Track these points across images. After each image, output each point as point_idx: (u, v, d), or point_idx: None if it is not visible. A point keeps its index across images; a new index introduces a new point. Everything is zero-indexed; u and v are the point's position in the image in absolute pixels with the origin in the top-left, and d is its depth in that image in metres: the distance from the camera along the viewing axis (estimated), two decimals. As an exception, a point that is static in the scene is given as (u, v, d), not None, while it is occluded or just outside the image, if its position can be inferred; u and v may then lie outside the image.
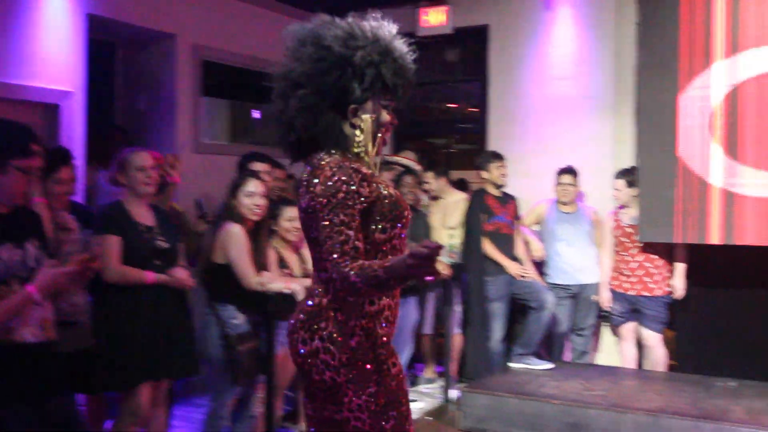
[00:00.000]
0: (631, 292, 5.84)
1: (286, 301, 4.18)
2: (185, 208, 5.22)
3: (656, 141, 5.64)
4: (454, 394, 5.72)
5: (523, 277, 5.94)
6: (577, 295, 6.04)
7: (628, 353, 6.03)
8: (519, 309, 6.20)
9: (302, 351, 2.35)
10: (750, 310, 5.85)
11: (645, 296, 5.80)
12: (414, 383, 6.34)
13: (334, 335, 2.32)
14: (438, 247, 2.03)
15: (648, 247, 5.78)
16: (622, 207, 5.93)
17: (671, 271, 5.79)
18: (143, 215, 4.13)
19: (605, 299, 5.98)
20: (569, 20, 6.66)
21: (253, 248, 4.34)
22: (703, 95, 5.47)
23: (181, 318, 4.22)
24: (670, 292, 5.79)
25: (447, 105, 8.16)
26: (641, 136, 5.80)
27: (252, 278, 4.22)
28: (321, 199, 2.26)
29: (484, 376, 5.84)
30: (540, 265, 6.17)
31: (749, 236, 5.35)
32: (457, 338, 6.18)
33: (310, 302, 2.39)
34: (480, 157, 6.29)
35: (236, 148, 6.46)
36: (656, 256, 5.78)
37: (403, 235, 2.42)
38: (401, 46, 2.43)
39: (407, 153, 6.44)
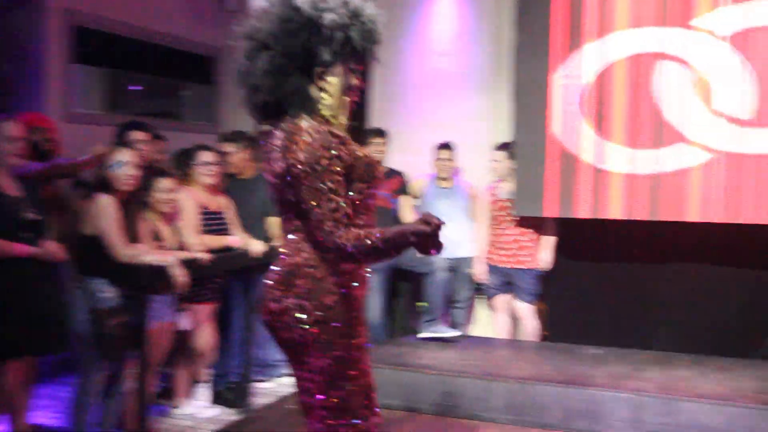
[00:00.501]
0: (505, 265, 6.01)
1: (158, 274, 4.10)
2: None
3: (530, 118, 5.79)
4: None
5: None
6: (454, 268, 6.16)
7: (502, 324, 6.21)
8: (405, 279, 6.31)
9: (273, 308, 2.35)
10: (616, 282, 6.13)
11: (518, 269, 5.98)
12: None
13: (311, 292, 2.31)
14: (440, 223, 2.13)
15: (522, 221, 5.95)
16: (499, 181, 6.07)
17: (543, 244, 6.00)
18: (9, 186, 3.96)
19: (480, 272, 6.12)
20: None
21: (126, 220, 4.22)
22: (575, 75, 5.65)
23: (51, 292, 4.07)
24: (542, 266, 5.99)
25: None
26: (516, 113, 5.95)
27: (123, 250, 4.10)
28: (305, 166, 2.24)
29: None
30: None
31: (615, 210, 5.58)
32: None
33: (283, 262, 2.37)
34: (363, 133, 6.32)
35: (112, 118, 6.24)
36: (529, 230, 5.96)
37: (375, 194, 2.43)
38: (371, 9, 2.41)
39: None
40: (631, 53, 5.54)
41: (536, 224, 5.97)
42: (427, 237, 2.15)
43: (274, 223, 5.38)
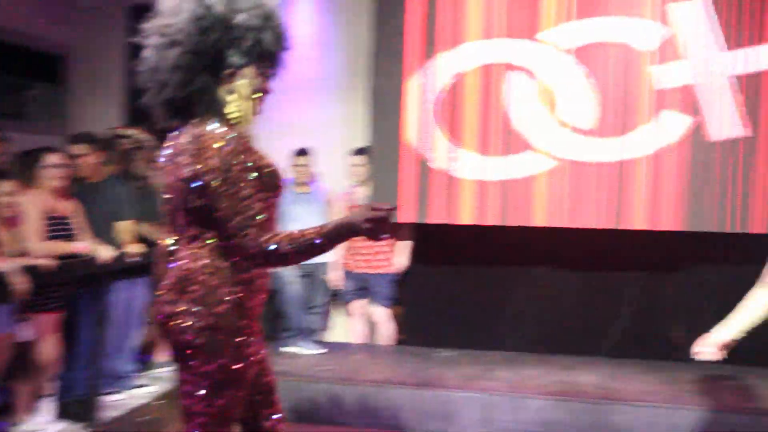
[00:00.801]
0: (361, 270, 6.06)
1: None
2: None
3: (386, 124, 5.88)
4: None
5: None
6: (310, 274, 6.15)
7: (358, 329, 6.25)
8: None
9: (166, 311, 2.33)
10: (468, 285, 6.30)
11: (374, 274, 6.04)
12: (146, 368, 6.14)
13: (204, 298, 2.30)
14: (392, 208, 2.22)
15: (378, 227, 6.01)
16: (356, 186, 6.12)
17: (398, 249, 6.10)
18: None
19: (337, 278, 6.15)
20: (308, 2, 6.73)
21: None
22: (429, 82, 5.79)
23: None
24: (397, 270, 6.08)
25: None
26: (373, 119, 6.03)
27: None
28: (219, 173, 2.21)
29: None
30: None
31: (467, 216, 5.75)
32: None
33: (179, 267, 2.35)
34: None
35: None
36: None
37: (276, 205, 2.41)
38: (281, 14, 2.41)
39: (139, 127, 6.19)
40: (482, 63, 5.73)
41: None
42: (381, 222, 2.20)
43: (124, 228, 5.20)
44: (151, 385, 5.67)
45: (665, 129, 5.48)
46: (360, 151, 6.12)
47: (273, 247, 2.20)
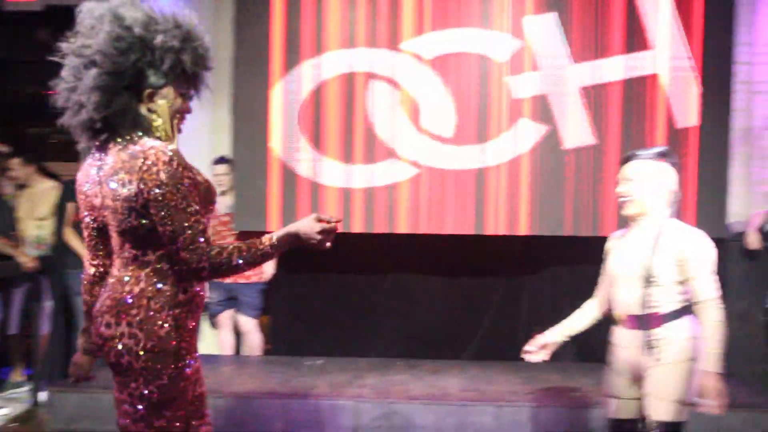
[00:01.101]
0: (228, 281, 5.97)
1: None
2: None
3: (250, 133, 5.84)
4: (44, 396, 5.37)
5: None
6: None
7: (226, 341, 6.16)
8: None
9: (105, 333, 2.35)
10: (335, 293, 6.33)
11: (241, 283, 5.97)
12: (1, 388, 5.84)
13: (143, 322, 2.32)
14: (338, 220, 2.41)
15: (243, 236, 5.96)
16: (219, 195, 6.03)
17: (264, 258, 6.04)
18: None
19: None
20: (168, 6, 6.56)
21: None
22: (293, 90, 5.79)
23: None
24: (265, 279, 6.04)
25: (40, 88, 7.60)
26: (236, 128, 5.97)
27: None
28: (167, 187, 2.22)
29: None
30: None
31: (332, 224, 5.76)
32: (47, 337, 5.81)
33: (118, 290, 2.36)
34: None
35: None
36: (251, 245, 5.97)
37: (210, 220, 2.45)
38: (202, 34, 2.44)
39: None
40: (345, 72, 5.78)
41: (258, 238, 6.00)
42: (330, 233, 2.37)
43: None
44: (5, 407, 5.40)
45: (522, 137, 5.71)
46: (221, 160, 6.04)
47: (224, 259, 2.28)
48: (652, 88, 5.66)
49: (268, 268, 6.04)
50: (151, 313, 2.32)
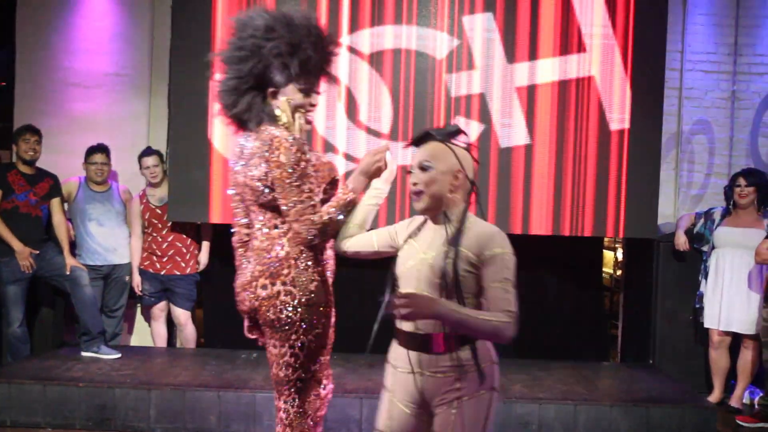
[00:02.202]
0: (162, 272, 5.91)
1: None
2: None
3: (188, 123, 5.76)
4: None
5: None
6: (108, 276, 5.93)
7: (160, 332, 6.10)
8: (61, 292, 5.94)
9: (262, 294, 2.71)
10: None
11: (176, 275, 5.92)
12: None
13: (296, 279, 2.70)
14: (386, 148, 2.83)
15: (178, 227, 5.90)
16: (151, 185, 5.96)
17: (199, 249, 6.00)
18: None
19: (137, 281, 5.96)
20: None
21: None
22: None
23: None
24: (198, 270, 6.00)
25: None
26: (173, 117, 5.90)
27: None
28: (285, 168, 2.61)
29: (5, 364, 5.46)
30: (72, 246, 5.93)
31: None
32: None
33: (267, 255, 2.72)
34: (15, 131, 5.85)
35: None
36: (186, 236, 5.93)
37: (332, 196, 2.80)
38: (319, 33, 2.79)
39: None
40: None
41: (192, 229, 5.96)
42: (381, 152, 2.82)
43: None
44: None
45: (459, 135, 5.77)
46: (149, 152, 5.96)
47: (325, 220, 2.65)
48: (585, 90, 5.79)
49: (202, 259, 6.00)
50: (301, 271, 2.71)
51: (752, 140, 6.49)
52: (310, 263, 2.74)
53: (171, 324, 6.15)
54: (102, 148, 5.91)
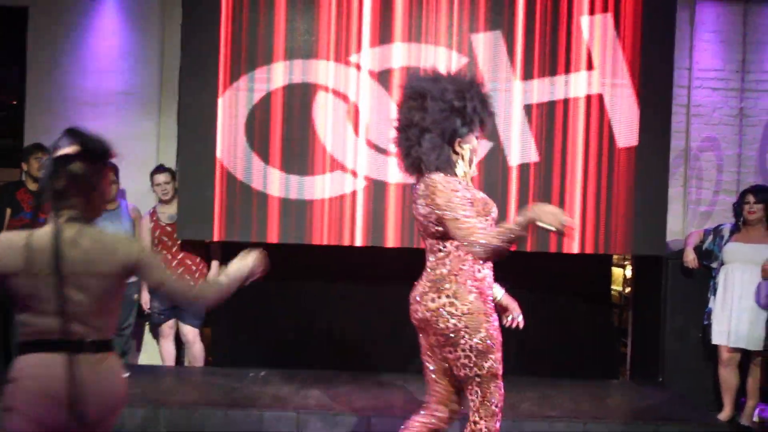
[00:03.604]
0: (171, 290, 5.91)
1: None
2: None
3: (197, 141, 5.79)
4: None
5: None
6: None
7: (168, 351, 6.10)
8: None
9: (431, 306, 3.27)
10: (278, 304, 6.32)
11: (184, 293, 5.91)
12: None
13: (456, 293, 3.25)
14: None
15: (187, 245, 5.91)
16: (162, 202, 5.98)
17: (208, 268, 6.01)
18: None
19: (146, 299, 5.97)
20: (114, 12, 6.51)
21: None
22: (239, 100, 5.77)
23: None
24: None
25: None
26: (182, 135, 5.94)
27: None
28: (443, 208, 3.17)
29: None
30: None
31: (273, 234, 5.77)
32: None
33: (432, 274, 3.32)
34: (25, 150, 5.89)
35: None
36: (194, 254, 5.94)
37: (490, 223, 3.32)
38: (486, 86, 3.43)
39: None
40: (293, 83, 5.79)
41: (202, 248, 5.97)
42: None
43: None
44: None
45: (468, 152, 5.78)
46: (161, 169, 5.99)
47: (488, 242, 3.02)
48: (594, 107, 5.80)
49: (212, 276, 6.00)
50: (460, 286, 3.26)
51: (760, 157, 6.48)
52: (468, 279, 3.28)
53: (179, 342, 6.14)
54: (111, 166, 5.93)
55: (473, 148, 3.40)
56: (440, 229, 3.23)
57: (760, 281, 5.42)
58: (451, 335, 3.23)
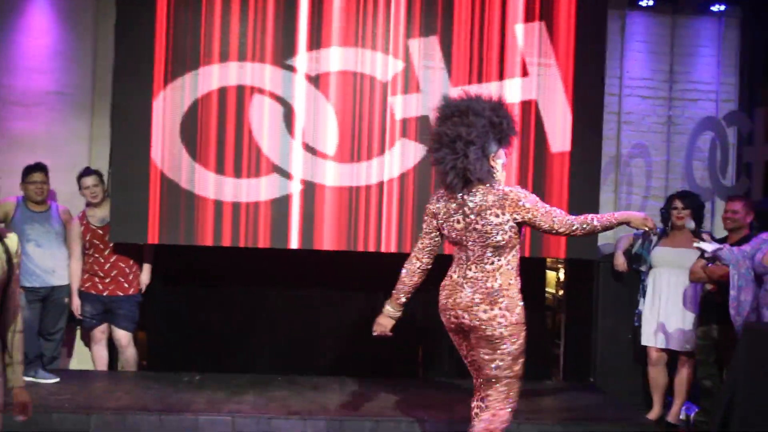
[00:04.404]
0: (105, 293, 5.82)
1: None
2: None
3: (130, 143, 5.71)
4: None
5: None
6: (46, 298, 5.80)
7: (101, 355, 5.98)
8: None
9: (484, 317, 3.62)
10: (214, 308, 6.27)
11: (119, 296, 5.83)
12: None
13: (508, 306, 3.62)
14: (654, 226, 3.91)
15: (119, 248, 5.82)
16: (89, 205, 5.87)
17: (140, 270, 5.92)
18: None
19: (76, 304, 5.85)
20: (45, 10, 6.35)
21: None
22: (175, 102, 5.71)
23: None
24: (141, 290, 5.93)
25: None
26: (115, 137, 5.86)
27: None
28: (534, 207, 3.62)
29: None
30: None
31: (208, 237, 5.72)
32: None
33: (485, 286, 3.64)
34: None
35: None
36: (127, 257, 5.85)
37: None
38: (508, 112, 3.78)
39: None
40: (229, 85, 5.76)
41: (134, 250, 5.88)
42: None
43: None
44: None
45: (403, 157, 5.84)
46: (88, 172, 5.88)
47: (579, 223, 3.64)
48: (527, 113, 5.90)
49: (145, 279, 5.93)
50: (512, 299, 3.64)
51: (687, 164, 6.68)
52: (516, 292, 3.67)
53: (112, 347, 6.03)
54: (41, 167, 5.80)
55: (504, 162, 3.76)
56: (507, 237, 3.62)
57: (686, 286, 5.57)
58: (495, 341, 3.62)
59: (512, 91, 5.87)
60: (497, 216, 3.59)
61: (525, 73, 5.90)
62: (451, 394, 5.46)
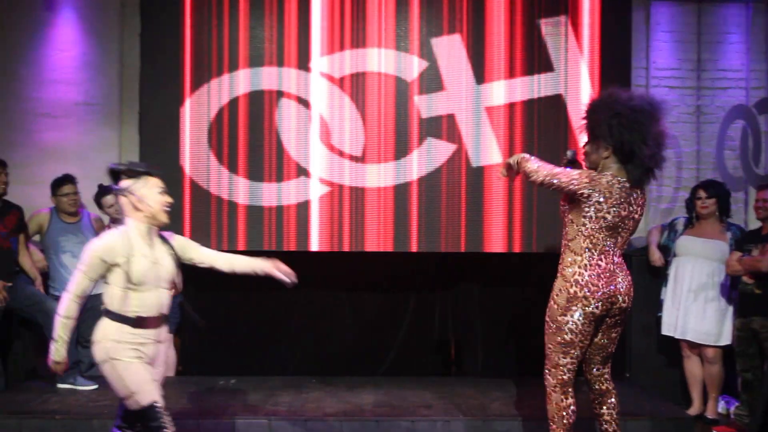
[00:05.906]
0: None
1: None
2: None
3: (160, 151, 5.77)
4: None
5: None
6: (83, 306, 5.84)
7: (137, 361, 6.02)
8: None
9: (630, 307, 4.01)
10: (247, 311, 6.30)
11: (161, 298, 5.87)
12: None
13: (629, 289, 3.98)
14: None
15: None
16: (115, 221, 5.91)
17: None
18: None
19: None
20: (72, 23, 6.43)
21: None
22: (202, 108, 5.77)
23: None
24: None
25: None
26: (144, 145, 5.91)
27: None
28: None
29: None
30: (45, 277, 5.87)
31: (241, 242, 5.76)
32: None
33: (626, 270, 4.01)
34: None
35: None
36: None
37: None
38: None
39: None
40: (254, 90, 5.79)
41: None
42: None
43: None
44: None
45: (431, 155, 5.83)
46: (107, 190, 5.89)
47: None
48: (555, 108, 5.87)
49: (178, 281, 5.95)
50: (630, 283, 3.95)
51: (718, 153, 6.60)
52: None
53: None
54: (70, 179, 5.86)
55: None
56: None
57: (709, 276, 5.50)
58: (622, 320, 4.01)
59: (539, 87, 5.84)
60: (642, 207, 3.94)
61: (551, 68, 5.86)
62: (484, 393, 5.45)
